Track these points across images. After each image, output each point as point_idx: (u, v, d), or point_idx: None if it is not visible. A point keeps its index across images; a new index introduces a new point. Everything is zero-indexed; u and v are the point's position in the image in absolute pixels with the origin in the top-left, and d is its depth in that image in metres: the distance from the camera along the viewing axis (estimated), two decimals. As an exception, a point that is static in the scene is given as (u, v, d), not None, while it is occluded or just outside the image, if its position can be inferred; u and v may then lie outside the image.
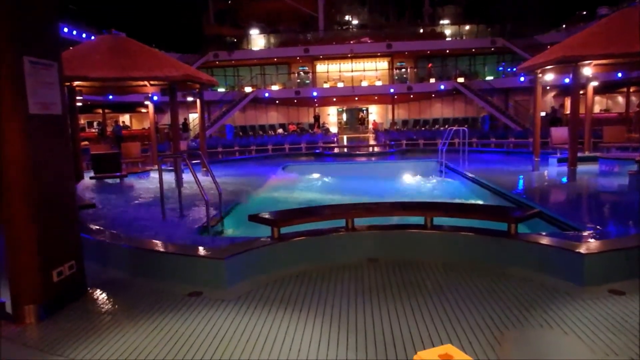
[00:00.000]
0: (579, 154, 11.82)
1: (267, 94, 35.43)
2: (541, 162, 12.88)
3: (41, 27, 4.06)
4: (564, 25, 32.70)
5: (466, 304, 3.98)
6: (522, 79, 29.99)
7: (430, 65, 37.17)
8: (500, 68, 36.34)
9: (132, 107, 34.90)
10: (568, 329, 3.44)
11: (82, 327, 3.77)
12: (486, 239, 5.13)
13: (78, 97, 12.97)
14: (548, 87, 30.15)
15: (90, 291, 4.61)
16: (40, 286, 3.97)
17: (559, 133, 14.45)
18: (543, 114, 18.97)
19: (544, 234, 5.37)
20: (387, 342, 3.36)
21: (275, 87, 36.42)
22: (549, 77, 13.73)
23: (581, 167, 11.33)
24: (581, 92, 13.53)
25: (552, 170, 12.07)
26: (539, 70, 12.59)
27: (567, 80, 20.62)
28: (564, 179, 10.60)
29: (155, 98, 14.46)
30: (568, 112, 25.85)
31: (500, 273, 4.69)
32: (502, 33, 34.37)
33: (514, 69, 32.58)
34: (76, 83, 11.99)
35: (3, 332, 3.69)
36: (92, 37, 26.41)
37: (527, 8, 34.68)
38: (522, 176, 11.22)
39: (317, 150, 22.39)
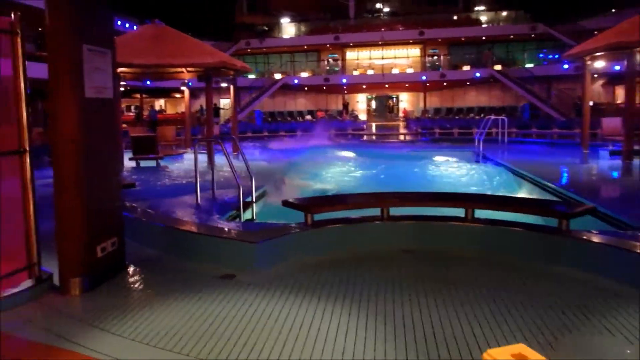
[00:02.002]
0: (635, 147, 11.08)
1: (296, 81, 35.35)
2: (590, 154, 12.19)
3: (98, 17, 4.33)
4: (612, 10, 31.14)
5: (513, 302, 3.73)
6: (566, 66, 28.75)
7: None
8: (542, 55, 34.90)
9: (167, 92, 35.46)
10: (633, 338, 3.12)
11: (120, 302, 3.89)
12: (535, 234, 4.83)
13: (121, 83, 13.28)
14: (595, 75, 28.71)
15: (129, 268, 4.74)
16: (86, 261, 4.13)
17: (612, 124, 13.69)
18: (591, 103, 18.19)
19: (597, 231, 4.96)
20: (424, 336, 3.22)
21: (304, 74, 36.28)
22: (599, 64, 13.07)
23: (637, 161, 10.58)
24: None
25: (604, 164, 11.27)
26: (587, 57, 12.00)
27: (617, 68, 19.67)
28: (619, 173, 9.92)
29: (190, 84, 14.67)
30: (619, 101, 24.73)
31: (550, 272, 4.40)
32: (543, 18, 32.92)
33: (557, 56, 31.35)
34: (120, 69, 12.25)
35: (50, 302, 3.87)
36: (134, 27, 27.01)
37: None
38: (569, 169, 10.58)
39: (348, 137, 22.28)
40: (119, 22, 28.86)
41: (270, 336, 3.25)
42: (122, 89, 15.88)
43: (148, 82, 24.89)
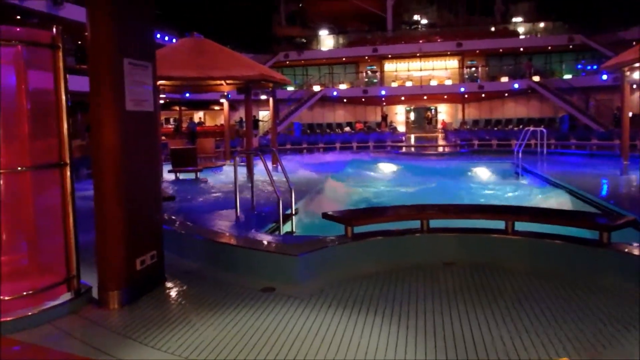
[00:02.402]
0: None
1: (335, 93, 35.52)
2: (630, 165, 11.91)
3: (139, 31, 4.40)
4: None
5: (553, 314, 3.70)
6: (604, 77, 28.11)
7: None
8: (580, 66, 34.26)
9: (206, 105, 36.18)
10: None
11: (159, 316, 3.88)
12: (575, 247, 4.78)
13: (161, 95, 13.56)
14: (635, 86, 28.05)
15: (168, 281, 4.74)
16: (125, 274, 4.14)
17: None
18: (630, 114, 17.64)
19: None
20: (466, 348, 3.20)
21: (343, 86, 36.45)
22: (637, 75, 12.77)
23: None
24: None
25: None
26: (626, 68, 11.72)
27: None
28: None
29: (229, 96, 14.87)
30: None
31: (591, 285, 4.31)
32: (581, 29, 32.34)
33: (595, 67, 30.65)
34: (160, 82, 12.52)
35: (89, 315, 3.88)
36: (174, 40, 27.76)
37: (607, 2, 32.45)
38: (609, 180, 10.38)
39: (387, 149, 22.18)
40: (158, 35, 29.53)
41: (310, 350, 3.25)
42: (161, 101, 16.23)
43: (187, 95, 25.49)
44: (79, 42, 23.54)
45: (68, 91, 3.94)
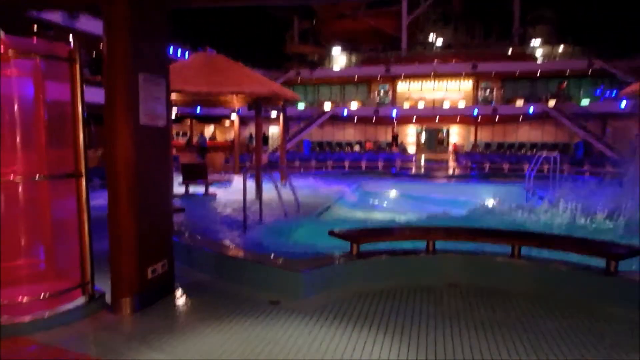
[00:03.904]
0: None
1: (345, 112, 35.66)
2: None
3: (155, 46, 4.49)
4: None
5: (556, 341, 3.72)
6: (623, 103, 27.89)
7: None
8: (599, 91, 33.95)
9: (217, 119, 36.57)
10: None
11: (169, 323, 4.02)
12: (581, 274, 4.77)
13: (173, 109, 13.72)
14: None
15: (178, 290, 4.86)
16: (137, 281, 4.28)
17: None
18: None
19: None
20: None
21: (354, 105, 36.58)
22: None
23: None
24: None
25: None
26: (645, 95, 11.71)
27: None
28: None
29: (239, 112, 15.00)
30: None
31: (598, 313, 4.31)
32: (600, 54, 32.04)
33: (614, 93, 30.47)
34: (172, 96, 12.70)
35: (102, 320, 4.05)
36: (187, 54, 28.15)
37: (627, 27, 32.33)
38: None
39: (394, 170, 22.21)
40: (171, 49, 29.95)
41: (310, 362, 3.29)
42: (173, 115, 16.42)
43: (198, 109, 25.74)
44: (94, 54, 23.97)
45: (84, 103, 4.06)
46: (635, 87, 11.90)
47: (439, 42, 41.18)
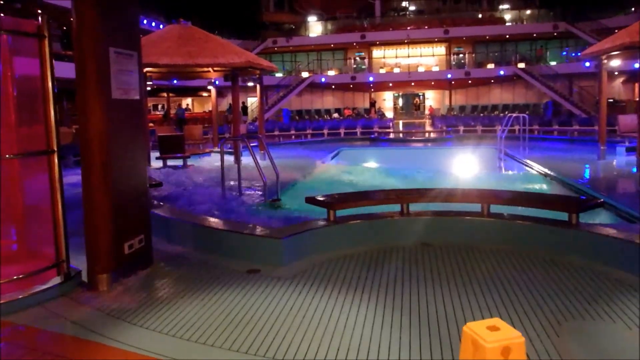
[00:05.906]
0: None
1: (323, 79, 35.59)
2: (608, 150, 12.29)
3: (125, 20, 4.43)
4: (632, 9, 30.78)
5: (521, 289, 3.94)
6: (587, 64, 28.54)
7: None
8: (564, 53, 34.78)
9: (194, 91, 36.08)
10: (632, 323, 3.31)
11: (147, 297, 4.01)
12: (545, 227, 5.02)
13: (148, 82, 13.54)
14: (616, 73, 28.63)
15: (156, 264, 4.85)
16: (113, 257, 4.25)
17: (628, 121, 13.77)
18: (611, 100, 18.04)
19: (607, 224, 5.18)
20: (437, 320, 3.44)
21: (331, 73, 36.53)
22: (616, 62, 13.03)
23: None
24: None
25: (620, 160, 11.59)
26: (604, 56, 11.99)
27: (637, 66, 19.44)
28: (634, 169, 10.09)
29: (216, 83, 14.88)
30: (638, 98, 24.65)
31: (560, 263, 4.56)
32: (565, 17, 32.88)
33: (579, 54, 31.12)
34: (146, 69, 12.51)
35: (78, 298, 3.99)
36: (161, 26, 27.52)
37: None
38: (586, 165, 10.79)
39: (373, 136, 22.35)
40: (144, 22, 29.11)
41: (292, 326, 3.42)
42: (148, 88, 16.16)
43: (175, 81, 25.38)
44: (64, 28, 23.29)
45: (55, 78, 3.98)
46: (594, 49, 12.16)
47: (412, 8, 41.16)
